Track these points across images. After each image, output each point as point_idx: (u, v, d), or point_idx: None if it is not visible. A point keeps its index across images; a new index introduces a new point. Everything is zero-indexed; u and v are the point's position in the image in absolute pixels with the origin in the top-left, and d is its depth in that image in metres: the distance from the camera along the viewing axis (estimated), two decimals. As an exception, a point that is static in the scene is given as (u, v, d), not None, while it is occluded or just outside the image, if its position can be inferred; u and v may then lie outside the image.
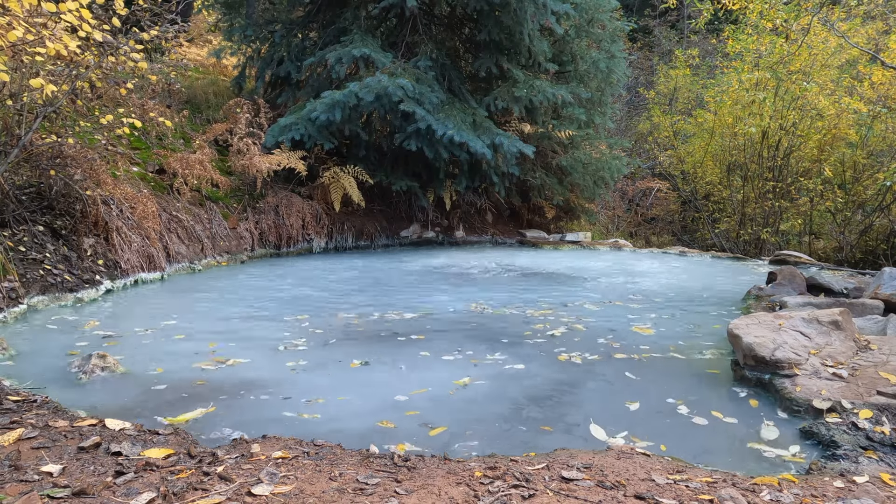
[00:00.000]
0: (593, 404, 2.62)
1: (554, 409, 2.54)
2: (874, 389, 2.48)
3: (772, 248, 9.98)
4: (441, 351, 3.35)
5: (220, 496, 1.57)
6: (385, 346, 3.45)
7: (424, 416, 2.40)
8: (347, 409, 2.50)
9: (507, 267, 6.81)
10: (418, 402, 2.58)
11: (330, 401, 2.58)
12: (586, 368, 3.10)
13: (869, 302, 4.17)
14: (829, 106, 9.11)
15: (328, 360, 3.19)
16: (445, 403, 2.58)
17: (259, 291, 5.09)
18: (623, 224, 13.82)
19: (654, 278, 6.12)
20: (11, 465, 1.70)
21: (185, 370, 2.96)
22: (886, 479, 1.82)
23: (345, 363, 3.12)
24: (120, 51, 4.55)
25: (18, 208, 4.55)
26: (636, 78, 16.45)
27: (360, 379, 2.90)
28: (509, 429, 2.32)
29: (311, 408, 2.49)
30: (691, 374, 3.04)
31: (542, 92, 7.83)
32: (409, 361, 3.17)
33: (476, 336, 3.71)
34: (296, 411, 2.45)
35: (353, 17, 7.97)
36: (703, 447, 2.19)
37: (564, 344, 3.54)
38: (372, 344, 3.51)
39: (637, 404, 2.60)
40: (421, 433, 2.25)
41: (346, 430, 2.25)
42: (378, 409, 2.49)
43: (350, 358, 3.20)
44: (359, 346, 3.47)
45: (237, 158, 7.16)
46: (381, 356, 3.25)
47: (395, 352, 3.35)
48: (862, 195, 9.46)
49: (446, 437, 2.22)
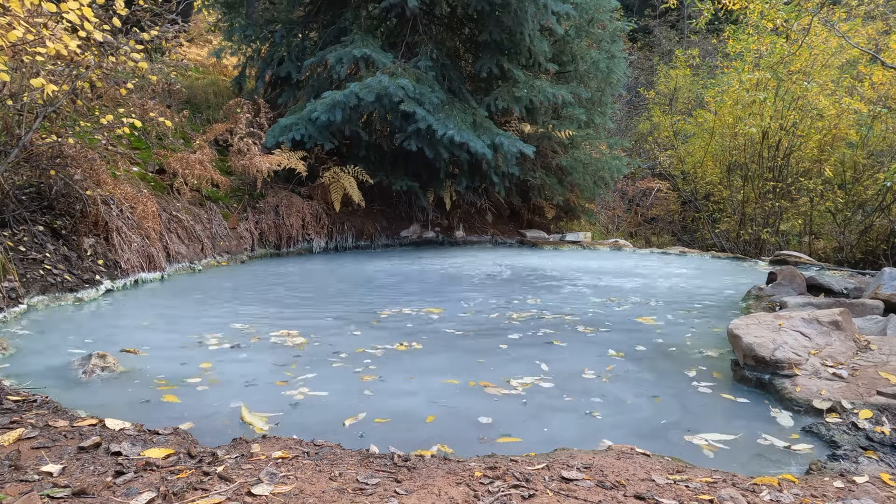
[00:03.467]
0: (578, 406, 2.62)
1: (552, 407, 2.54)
2: (874, 389, 2.48)
3: (772, 249, 9.98)
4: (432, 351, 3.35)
5: (220, 496, 1.57)
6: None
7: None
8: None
9: (510, 267, 6.82)
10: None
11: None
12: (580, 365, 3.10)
13: (869, 302, 4.16)
14: (829, 106, 9.11)
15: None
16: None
17: (259, 290, 5.09)
18: (623, 224, 13.82)
19: (653, 278, 6.12)
20: (11, 465, 1.70)
21: (186, 369, 2.96)
22: (886, 480, 1.82)
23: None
24: (120, 51, 4.55)
25: (18, 208, 4.55)
26: (636, 78, 16.45)
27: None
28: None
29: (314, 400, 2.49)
30: (691, 373, 3.04)
31: (543, 92, 7.83)
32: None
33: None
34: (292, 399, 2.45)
35: (354, 17, 7.97)
36: (701, 447, 2.19)
37: (565, 341, 3.54)
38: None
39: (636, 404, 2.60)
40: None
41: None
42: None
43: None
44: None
45: (237, 158, 7.16)
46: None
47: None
48: (862, 195, 9.46)
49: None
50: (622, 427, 2.36)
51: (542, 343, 3.58)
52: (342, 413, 2.44)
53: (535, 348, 3.46)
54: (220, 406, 2.50)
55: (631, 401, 2.65)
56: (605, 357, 3.31)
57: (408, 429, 2.31)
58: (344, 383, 2.82)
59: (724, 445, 2.21)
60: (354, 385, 2.79)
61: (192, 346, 3.41)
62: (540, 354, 3.33)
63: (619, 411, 2.53)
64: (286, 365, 3.08)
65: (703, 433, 2.31)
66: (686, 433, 2.31)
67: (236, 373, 2.94)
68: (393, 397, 2.64)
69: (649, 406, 2.59)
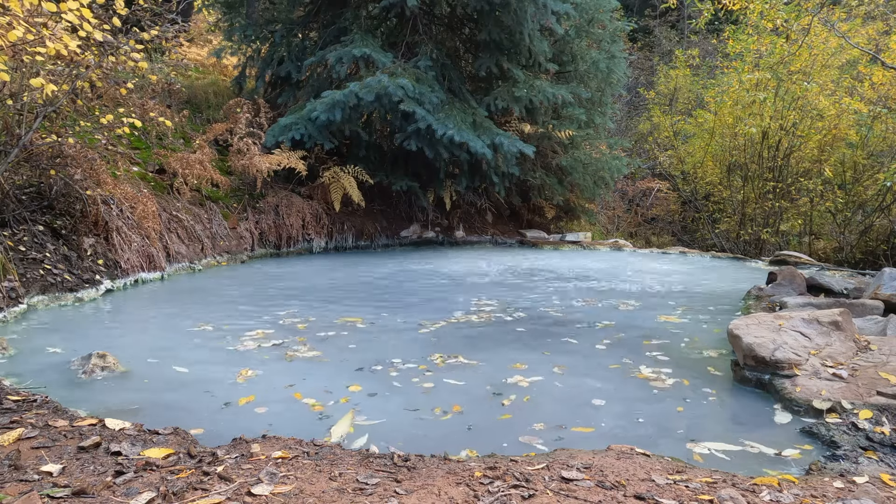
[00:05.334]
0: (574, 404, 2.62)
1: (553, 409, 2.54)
2: (874, 390, 2.48)
3: (772, 249, 9.98)
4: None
5: (220, 496, 1.57)
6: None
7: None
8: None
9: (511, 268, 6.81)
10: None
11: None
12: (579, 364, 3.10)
13: (869, 302, 4.16)
14: (829, 106, 9.10)
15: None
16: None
17: (259, 291, 5.09)
18: (623, 224, 13.81)
19: (653, 279, 6.12)
20: (11, 465, 1.70)
21: (186, 369, 2.96)
22: (886, 480, 1.82)
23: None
24: (120, 51, 4.55)
25: (18, 208, 4.55)
26: (636, 78, 16.44)
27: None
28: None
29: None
30: (691, 373, 3.04)
31: (542, 92, 7.83)
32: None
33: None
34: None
35: (354, 16, 7.97)
36: (701, 447, 2.19)
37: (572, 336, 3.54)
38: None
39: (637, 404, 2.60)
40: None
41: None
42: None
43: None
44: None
45: (237, 158, 7.16)
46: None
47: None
48: (862, 195, 9.46)
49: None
50: (621, 426, 2.36)
51: (542, 343, 3.58)
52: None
53: (534, 348, 3.46)
54: (222, 405, 2.50)
55: (630, 400, 2.64)
56: (605, 356, 3.31)
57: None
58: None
59: (723, 445, 2.21)
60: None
61: (192, 345, 3.41)
62: (540, 352, 3.33)
63: (619, 410, 2.53)
64: (288, 367, 3.08)
65: (703, 433, 2.31)
66: (686, 433, 2.31)
67: (236, 373, 2.94)
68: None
69: (649, 406, 2.59)
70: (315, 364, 3.11)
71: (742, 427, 2.38)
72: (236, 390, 2.69)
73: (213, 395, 2.63)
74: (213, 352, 3.30)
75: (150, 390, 2.67)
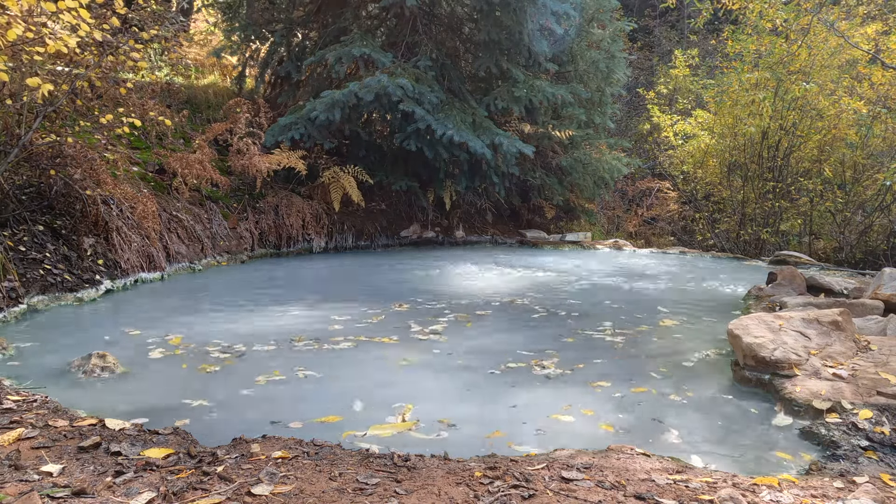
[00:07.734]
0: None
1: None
2: (874, 390, 2.48)
3: (772, 249, 9.97)
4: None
5: (220, 496, 1.57)
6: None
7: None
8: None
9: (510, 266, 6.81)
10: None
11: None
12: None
13: (869, 302, 4.16)
14: (828, 106, 9.10)
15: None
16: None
17: (259, 291, 5.09)
18: (623, 224, 13.81)
19: (653, 279, 6.12)
20: (11, 465, 1.70)
21: (186, 369, 2.96)
22: (886, 480, 1.82)
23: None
24: (120, 50, 4.54)
25: (18, 208, 4.54)
26: (636, 78, 16.43)
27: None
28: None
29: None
30: (691, 373, 3.04)
31: (542, 92, 7.83)
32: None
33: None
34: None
35: (353, 16, 7.97)
36: (701, 447, 2.19)
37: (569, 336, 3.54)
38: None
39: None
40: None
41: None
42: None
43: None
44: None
45: (237, 158, 7.16)
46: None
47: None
48: (862, 195, 9.45)
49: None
50: (620, 425, 2.36)
51: (541, 343, 3.58)
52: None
53: (534, 348, 3.46)
54: (221, 406, 2.50)
55: (630, 400, 2.64)
56: (605, 356, 3.31)
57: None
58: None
59: (723, 445, 2.21)
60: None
61: (192, 346, 3.41)
62: (539, 352, 3.33)
63: (618, 410, 2.53)
64: (289, 366, 3.08)
65: (703, 433, 2.31)
66: (686, 433, 2.31)
67: (237, 372, 2.94)
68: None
69: (649, 406, 2.59)
70: (319, 365, 3.11)
71: (742, 427, 2.38)
72: (238, 391, 2.69)
73: (213, 395, 2.63)
74: (216, 351, 3.30)
75: (150, 390, 2.67)
